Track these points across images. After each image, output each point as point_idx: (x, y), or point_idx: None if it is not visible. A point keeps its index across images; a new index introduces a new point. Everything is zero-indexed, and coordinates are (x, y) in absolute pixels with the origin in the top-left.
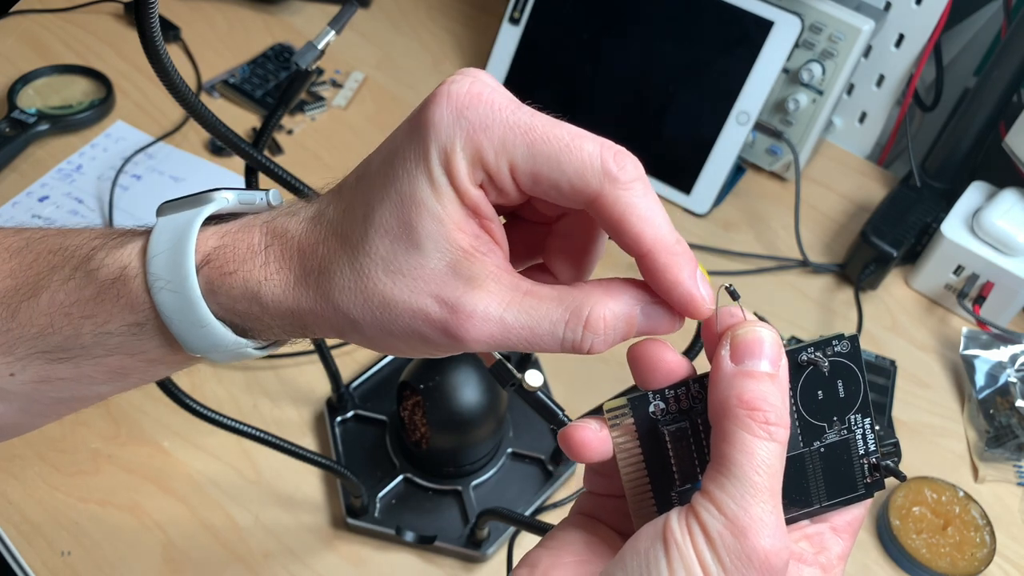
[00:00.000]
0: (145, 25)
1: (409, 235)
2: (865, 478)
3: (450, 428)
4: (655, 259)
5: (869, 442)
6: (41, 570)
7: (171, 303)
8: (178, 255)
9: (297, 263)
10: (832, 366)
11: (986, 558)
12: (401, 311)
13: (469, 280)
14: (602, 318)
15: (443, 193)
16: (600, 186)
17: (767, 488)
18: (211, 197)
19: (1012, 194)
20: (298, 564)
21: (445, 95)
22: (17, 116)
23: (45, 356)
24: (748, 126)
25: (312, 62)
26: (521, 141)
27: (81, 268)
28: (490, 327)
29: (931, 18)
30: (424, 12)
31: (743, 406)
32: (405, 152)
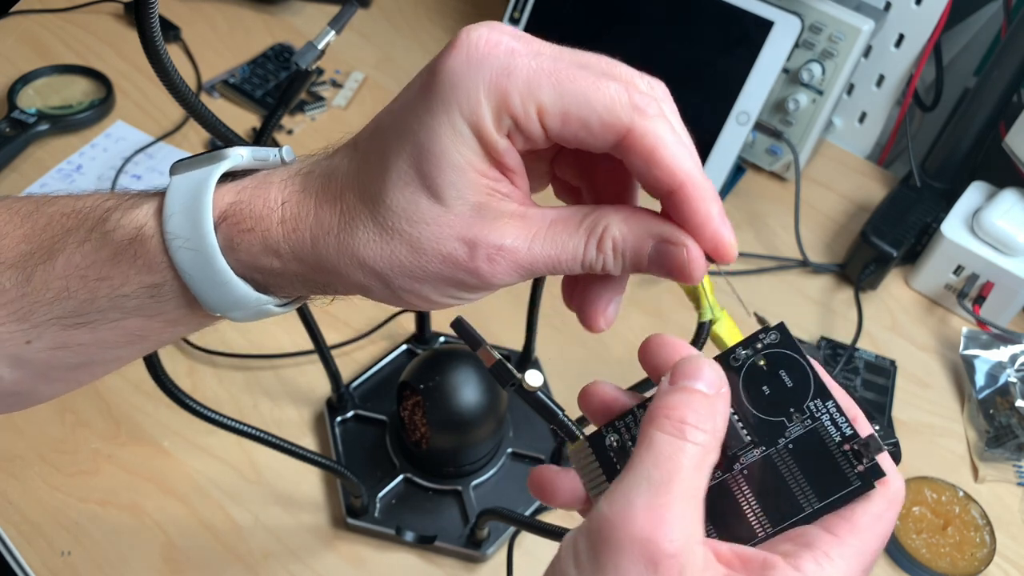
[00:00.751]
0: (145, 25)
1: (430, 185)
2: (855, 467)
3: (450, 428)
4: (687, 192)
5: (843, 426)
6: (41, 570)
7: (190, 261)
8: (195, 212)
9: (315, 219)
10: (768, 359)
11: (986, 558)
12: (429, 258)
13: (494, 219)
14: (612, 239)
15: (465, 141)
16: (630, 119)
17: (664, 482)
18: (225, 154)
19: (1012, 194)
20: (298, 564)
21: (465, 44)
22: (17, 116)
23: (61, 322)
24: (748, 126)
25: (312, 62)
26: (547, 83)
27: (96, 230)
28: (518, 259)
29: (931, 18)
30: (424, 12)
31: (660, 410)
32: (422, 103)
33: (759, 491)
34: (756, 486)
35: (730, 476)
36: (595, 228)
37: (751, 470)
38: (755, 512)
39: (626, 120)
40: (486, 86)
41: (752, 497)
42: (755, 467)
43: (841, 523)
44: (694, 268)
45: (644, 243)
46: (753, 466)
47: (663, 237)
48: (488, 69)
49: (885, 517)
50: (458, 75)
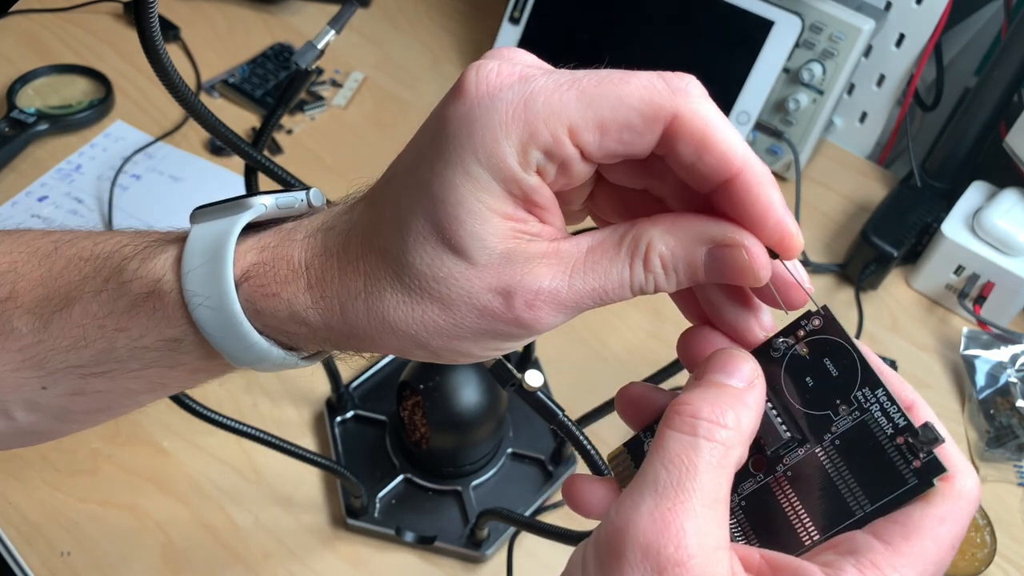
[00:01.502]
0: (145, 25)
1: (450, 239)
2: (911, 463)
3: (450, 428)
4: (746, 178)
5: (895, 417)
6: (41, 570)
7: (211, 320)
8: (215, 270)
9: (340, 284)
10: (811, 347)
11: (986, 558)
12: (464, 315)
13: (526, 262)
14: (659, 255)
15: (484, 187)
16: (674, 104)
17: (673, 485)
18: (248, 204)
19: (1012, 194)
20: (298, 564)
21: (473, 82)
22: (16, 116)
23: (78, 370)
24: (748, 126)
25: (312, 62)
26: (572, 97)
27: (113, 279)
28: (559, 299)
29: (932, 18)
30: (424, 12)
31: (675, 406)
32: (434, 152)
33: (805, 494)
34: (801, 489)
35: (772, 479)
36: (637, 247)
37: (796, 471)
38: (800, 518)
39: (669, 106)
40: (504, 124)
41: (797, 501)
42: (800, 468)
43: (893, 528)
44: (758, 268)
45: (695, 252)
46: (798, 467)
47: (716, 240)
48: (503, 104)
49: (950, 520)
50: (470, 118)
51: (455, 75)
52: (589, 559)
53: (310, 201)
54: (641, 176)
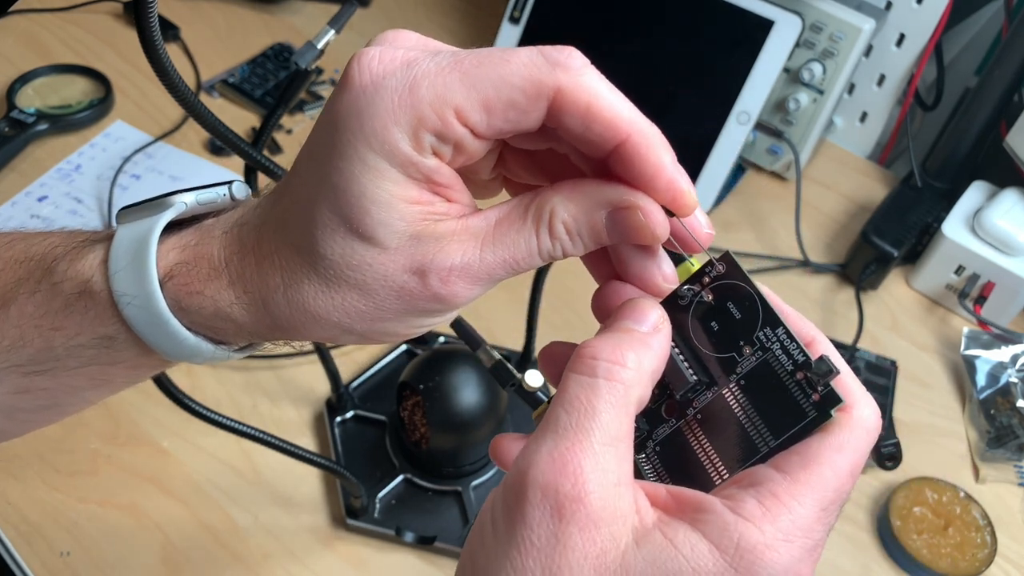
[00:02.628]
0: (144, 24)
1: (358, 229)
2: (810, 396)
3: (450, 428)
4: (634, 142)
5: (794, 353)
6: (40, 570)
7: (140, 318)
8: (140, 270)
9: (259, 280)
10: (716, 292)
11: (987, 559)
12: (383, 298)
13: (436, 241)
14: (562, 222)
15: (383, 175)
16: (556, 79)
17: (572, 426)
18: (169, 202)
19: (1013, 194)
20: (298, 565)
21: (356, 72)
22: (16, 116)
23: (20, 369)
24: (748, 126)
25: (312, 62)
26: (455, 80)
27: (45, 280)
28: (472, 273)
29: (932, 18)
30: (424, 12)
31: (577, 351)
32: (329, 145)
33: (714, 435)
34: (711, 430)
35: (683, 423)
36: (541, 215)
37: (705, 414)
38: (710, 458)
39: (550, 81)
40: (392, 111)
41: (707, 442)
42: (709, 410)
43: (792, 459)
44: (655, 226)
45: (595, 216)
46: (707, 409)
47: (613, 203)
48: (388, 92)
49: (849, 448)
50: (357, 108)
51: None
52: (497, 503)
53: (232, 194)
54: (541, 140)
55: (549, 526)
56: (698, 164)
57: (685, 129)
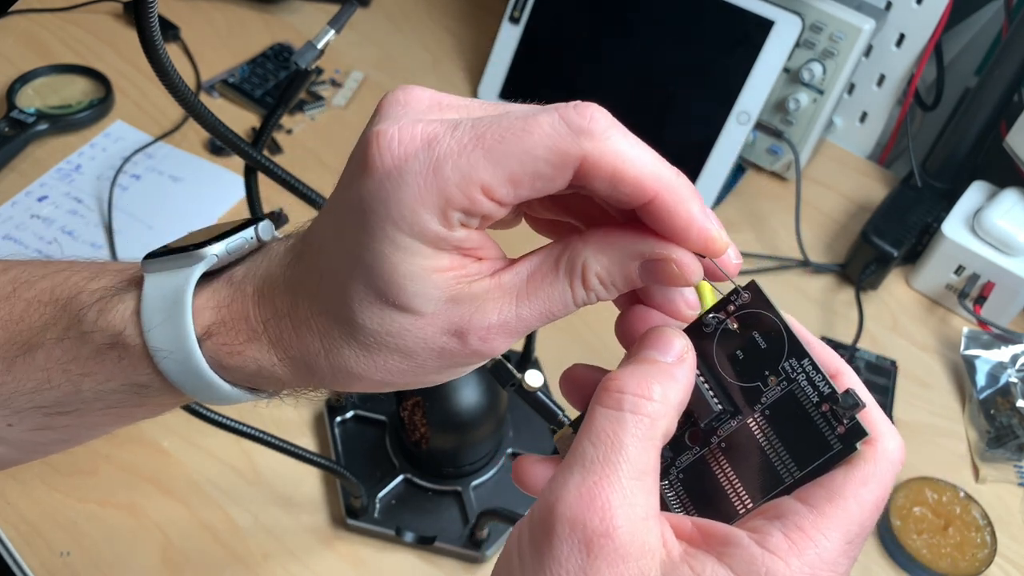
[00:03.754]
0: (144, 24)
1: (394, 301)
2: (835, 429)
3: (450, 428)
4: (663, 199)
5: (820, 385)
6: (40, 570)
7: (178, 371)
8: (177, 328)
9: (299, 343)
10: (741, 321)
11: (987, 559)
12: (424, 358)
13: (472, 301)
14: (595, 275)
15: (415, 251)
16: (580, 148)
17: (600, 460)
18: (199, 255)
19: (1013, 194)
20: (297, 565)
21: (377, 155)
22: (16, 116)
23: (43, 410)
24: (748, 126)
25: (312, 62)
26: (478, 158)
27: (74, 328)
28: (511, 328)
29: (932, 18)
30: (424, 11)
31: (603, 383)
32: (357, 226)
33: (738, 464)
34: (735, 459)
35: (707, 451)
36: (574, 269)
37: (729, 442)
38: (734, 487)
39: (575, 151)
40: (418, 195)
41: (731, 471)
42: (733, 439)
43: (818, 492)
44: (689, 274)
45: (629, 267)
46: (731, 438)
47: (646, 255)
48: (413, 176)
49: (874, 481)
50: (383, 194)
51: (455, 75)
52: (524, 536)
53: (259, 236)
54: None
55: (578, 561)
56: (698, 164)
57: (685, 129)
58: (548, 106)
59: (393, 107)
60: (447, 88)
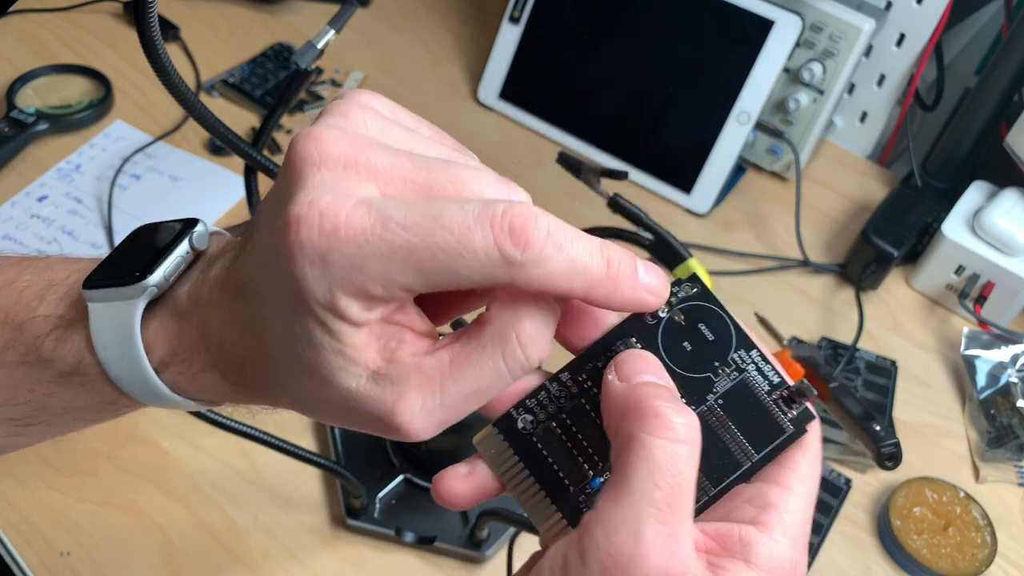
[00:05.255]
0: (144, 24)
1: (319, 376)
2: (787, 414)
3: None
4: (594, 299)
5: (770, 375)
6: (40, 570)
7: (143, 394)
8: (132, 362)
9: (251, 375)
10: (686, 313)
11: (987, 559)
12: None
13: (394, 384)
14: (530, 337)
15: (337, 332)
16: (509, 276)
17: (669, 502)
18: (141, 287)
19: (1013, 194)
20: (297, 565)
21: (297, 250)
22: (16, 116)
23: (14, 422)
24: (749, 126)
25: (312, 61)
26: (405, 267)
27: (32, 353)
28: (435, 416)
29: (932, 17)
30: (424, 12)
31: (646, 409)
32: (279, 303)
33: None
34: None
35: None
36: (506, 341)
37: None
38: None
39: (504, 278)
40: (340, 286)
41: None
42: None
43: (787, 473)
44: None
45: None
46: None
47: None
48: (335, 269)
49: (818, 458)
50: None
51: (455, 75)
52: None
53: (194, 248)
54: None
55: None
56: (698, 164)
57: (685, 129)
58: (483, 213)
59: (307, 169)
60: (447, 88)
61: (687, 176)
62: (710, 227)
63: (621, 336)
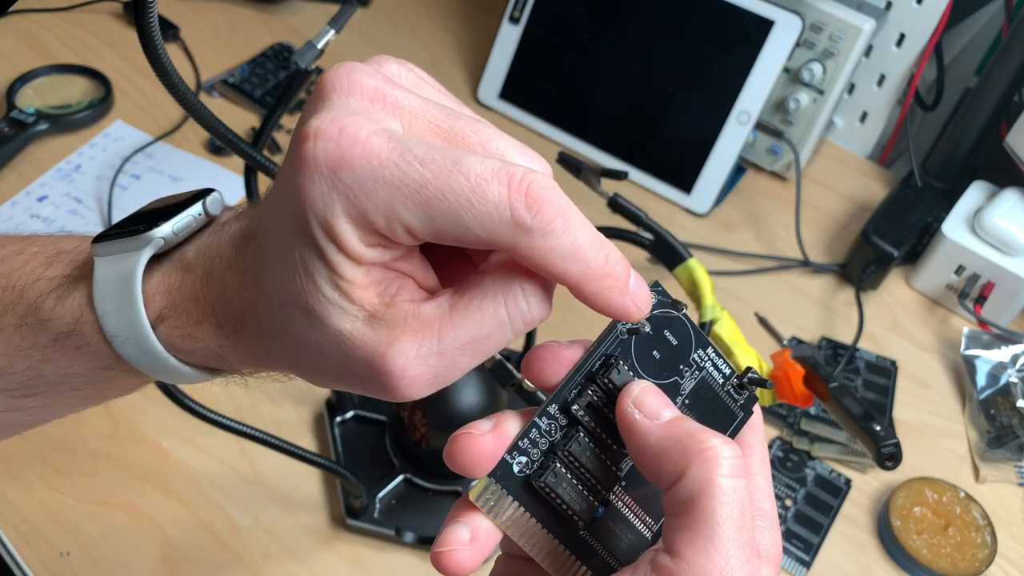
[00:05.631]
0: (144, 24)
1: (314, 315)
2: (738, 401)
3: (450, 428)
4: (584, 290)
5: (723, 368)
6: (40, 570)
7: (136, 355)
8: (129, 314)
9: (243, 328)
10: (653, 322)
11: (987, 559)
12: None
13: (389, 328)
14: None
15: (334, 263)
16: (513, 239)
17: (750, 543)
18: (147, 238)
19: (1013, 194)
20: (297, 565)
21: (311, 159)
22: (16, 116)
23: (10, 392)
24: (749, 126)
25: (312, 61)
26: (412, 203)
27: (31, 315)
28: (430, 365)
29: (932, 17)
30: (424, 12)
31: (710, 448)
32: (290, 216)
33: None
34: None
35: None
36: (509, 286)
37: None
38: None
39: (508, 240)
40: (343, 206)
41: None
42: None
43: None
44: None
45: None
46: None
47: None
48: (343, 186)
49: (761, 428)
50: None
51: (455, 75)
52: None
53: (207, 211)
54: None
55: None
56: (698, 164)
57: (685, 129)
58: (503, 170)
59: (335, 94)
60: (447, 88)
61: (687, 176)
62: (710, 227)
63: (603, 356)
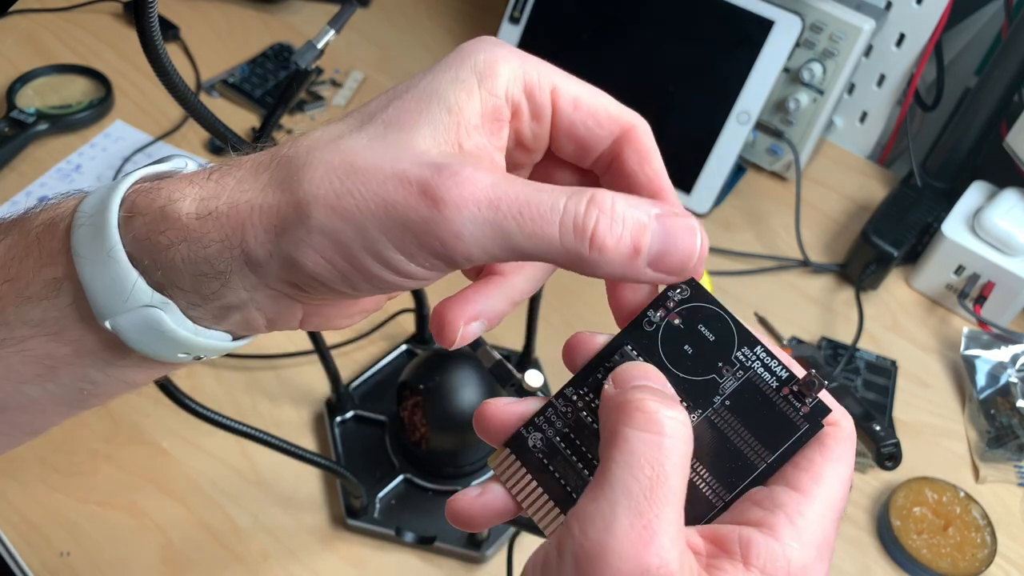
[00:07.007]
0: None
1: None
2: (800, 410)
3: (450, 428)
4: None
5: (777, 370)
6: (40, 570)
7: (83, 237)
8: (108, 191)
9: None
10: (683, 316)
11: (987, 559)
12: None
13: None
14: (610, 200)
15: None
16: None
17: (646, 493)
18: (168, 158)
19: (1013, 194)
20: (297, 565)
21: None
22: (16, 116)
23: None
24: (749, 126)
25: (311, 61)
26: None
27: (18, 224)
28: (478, 188)
29: (932, 17)
30: (424, 12)
31: (631, 401)
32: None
33: (705, 458)
34: (701, 453)
35: None
36: (582, 191)
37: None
38: (707, 482)
39: (629, 118)
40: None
41: (700, 466)
42: (696, 433)
43: (802, 476)
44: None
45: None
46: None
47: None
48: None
49: (844, 459)
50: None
51: None
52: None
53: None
54: None
55: None
56: (698, 164)
57: (685, 129)
58: None
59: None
60: None
61: (687, 176)
62: (710, 227)
63: (620, 347)
